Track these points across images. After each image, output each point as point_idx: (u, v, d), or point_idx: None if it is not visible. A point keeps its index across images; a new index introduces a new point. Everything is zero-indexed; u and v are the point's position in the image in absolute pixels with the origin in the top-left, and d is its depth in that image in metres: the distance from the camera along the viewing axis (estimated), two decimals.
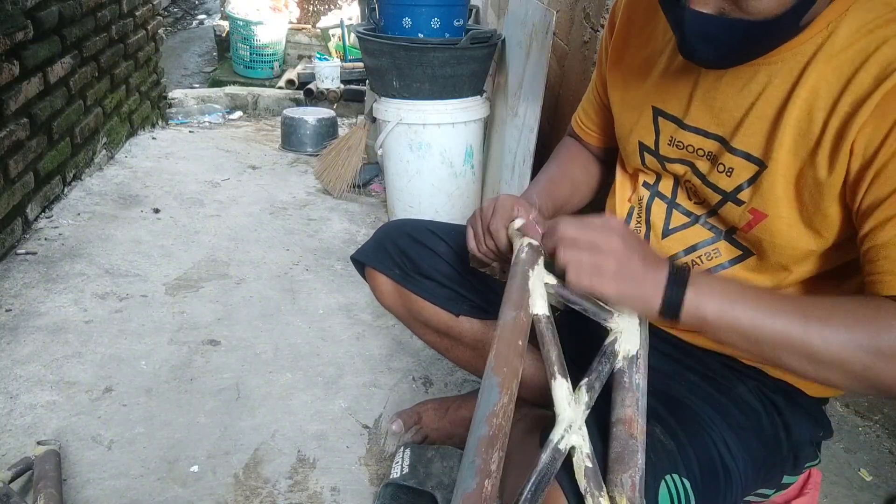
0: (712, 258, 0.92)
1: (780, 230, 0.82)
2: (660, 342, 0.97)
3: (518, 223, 0.91)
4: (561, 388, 0.75)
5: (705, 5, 0.72)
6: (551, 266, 0.83)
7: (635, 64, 0.98)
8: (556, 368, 0.76)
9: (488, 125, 2.52)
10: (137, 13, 3.04)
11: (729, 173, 0.85)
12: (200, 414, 1.48)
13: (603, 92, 1.07)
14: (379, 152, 2.44)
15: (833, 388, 0.82)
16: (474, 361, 1.21)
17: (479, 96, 2.36)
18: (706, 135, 0.87)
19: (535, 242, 0.86)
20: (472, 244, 0.99)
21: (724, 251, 0.91)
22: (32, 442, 1.34)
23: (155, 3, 3.29)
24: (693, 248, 0.94)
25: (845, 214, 0.77)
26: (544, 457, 0.72)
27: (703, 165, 0.89)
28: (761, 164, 0.81)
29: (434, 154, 2.32)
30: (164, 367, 1.62)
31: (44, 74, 2.17)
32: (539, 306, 0.81)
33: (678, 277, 0.74)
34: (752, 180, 0.82)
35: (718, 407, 0.89)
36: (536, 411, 1.18)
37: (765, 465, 0.90)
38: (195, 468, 1.33)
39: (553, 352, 0.78)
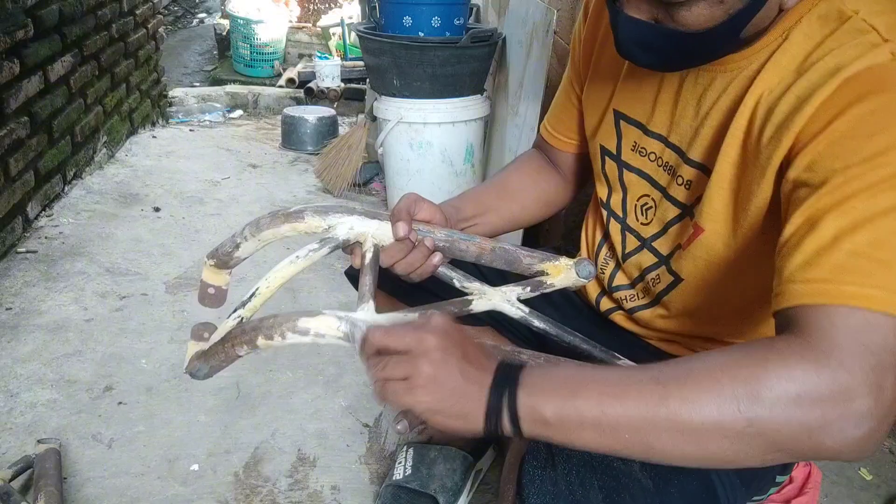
0: (657, 283, 0.90)
1: (715, 247, 0.79)
2: (644, 355, 0.93)
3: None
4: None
5: (638, 11, 0.69)
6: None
7: (602, 62, 0.94)
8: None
9: (489, 124, 2.52)
10: (138, 12, 3.04)
11: (687, 186, 0.83)
12: (201, 412, 1.48)
13: (578, 86, 1.01)
14: (379, 151, 2.44)
15: (728, 465, 0.60)
16: None
17: (479, 95, 2.36)
18: (666, 143, 0.85)
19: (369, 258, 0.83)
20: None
21: (663, 279, 0.89)
22: (33, 440, 1.34)
23: (155, 1, 3.28)
24: (642, 276, 0.92)
25: (774, 235, 0.71)
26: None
27: (662, 178, 0.87)
28: (710, 175, 0.79)
29: (434, 153, 2.32)
30: (165, 366, 1.62)
31: (44, 73, 2.17)
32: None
33: (506, 378, 0.63)
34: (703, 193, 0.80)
35: None
36: None
37: (755, 478, 0.88)
38: (195, 467, 1.33)
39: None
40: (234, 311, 0.82)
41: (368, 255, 0.84)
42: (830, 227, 0.60)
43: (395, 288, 1.09)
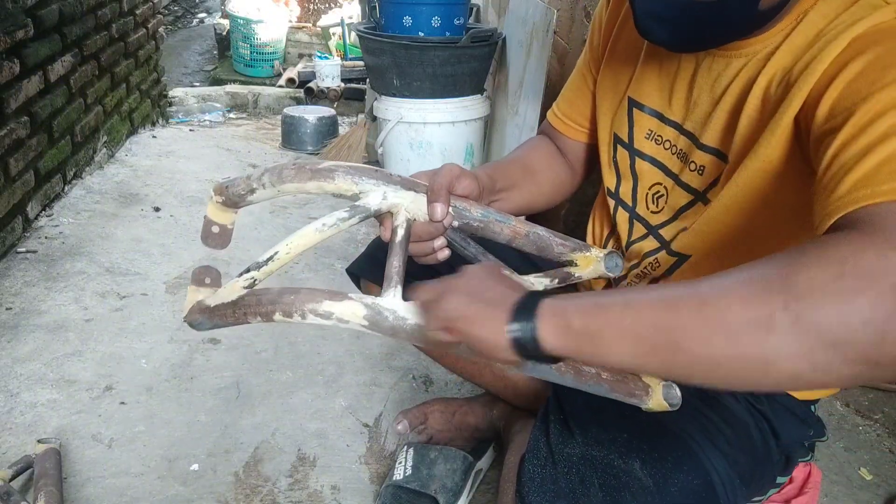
0: (655, 268, 0.90)
1: (717, 217, 0.80)
2: None
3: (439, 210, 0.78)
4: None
5: None
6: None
7: (619, 47, 0.94)
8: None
9: (489, 124, 2.52)
10: (138, 11, 3.04)
11: (700, 171, 0.83)
12: (201, 412, 1.48)
13: (596, 70, 0.99)
14: (379, 151, 2.44)
15: (770, 372, 0.51)
16: (468, 367, 1.20)
17: (479, 95, 2.37)
18: (681, 130, 0.85)
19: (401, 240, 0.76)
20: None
21: (662, 262, 0.89)
22: (33, 440, 1.34)
23: (155, 1, 3.28)
24: (639, 262, 0.92)
25: (789, 199, 0.74)
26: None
27: (675, 165, 0.87)
28: (726, 160, 0.79)
29: (434, 153, 2.32)
30: (165, 366, 1.62)
31: (44, 73, 2.17)
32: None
33: (533, 294, 0.63)
34: (720, 177, 0.80)
35: (706, 426, 0.84)
36: (526, 434, 1.14)
37: (754, 479, 0.87)
38: (195, 466, 1.33)
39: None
40: (247, 270, 0.75)
41: (400, 232, 0.76)
42: (859, 146, 0.57)
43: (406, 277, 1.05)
